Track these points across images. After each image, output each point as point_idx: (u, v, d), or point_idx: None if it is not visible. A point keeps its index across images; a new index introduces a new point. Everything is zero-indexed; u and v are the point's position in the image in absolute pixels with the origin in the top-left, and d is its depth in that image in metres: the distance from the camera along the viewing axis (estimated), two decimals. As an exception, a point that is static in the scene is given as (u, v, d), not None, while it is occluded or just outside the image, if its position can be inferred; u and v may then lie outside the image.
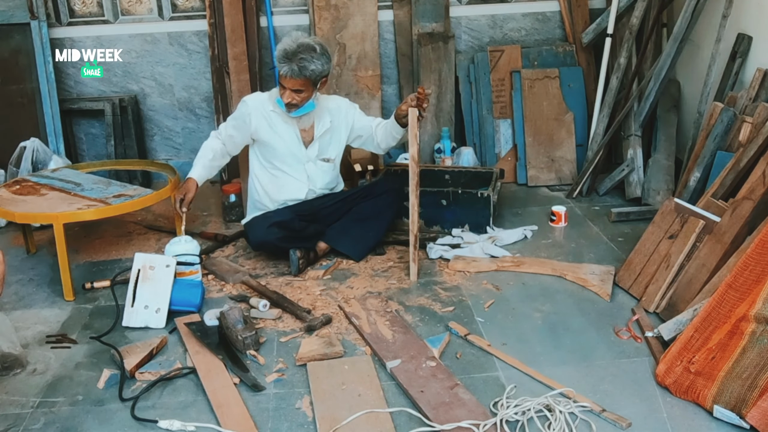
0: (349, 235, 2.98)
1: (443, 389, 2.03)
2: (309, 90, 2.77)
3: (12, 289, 2.79)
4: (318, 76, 2.74)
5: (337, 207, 3.02)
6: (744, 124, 2.77)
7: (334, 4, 3.88)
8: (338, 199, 3.04)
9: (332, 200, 3.03)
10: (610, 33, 3.67)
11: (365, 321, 2.43)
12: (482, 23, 4.08)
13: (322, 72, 2.75)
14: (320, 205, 3.00)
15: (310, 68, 2.68)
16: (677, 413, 1.94)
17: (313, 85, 2.76)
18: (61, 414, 2.02)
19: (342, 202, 3.03)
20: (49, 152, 3.50)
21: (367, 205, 3.01)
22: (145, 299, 2.48)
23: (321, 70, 2.73)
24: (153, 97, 4.06)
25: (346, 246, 2.96)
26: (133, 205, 2.78)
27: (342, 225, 3.00)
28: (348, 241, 2.97)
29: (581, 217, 3.40)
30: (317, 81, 2.76)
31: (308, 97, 2.78)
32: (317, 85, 2.78)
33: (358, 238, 2.97)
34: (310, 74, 2.70)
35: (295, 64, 2.66)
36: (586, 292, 2.64)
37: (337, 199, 3.03)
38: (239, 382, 2.13)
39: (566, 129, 3.86)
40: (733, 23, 3.14)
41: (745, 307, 1.96)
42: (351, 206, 3.03)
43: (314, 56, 2.69)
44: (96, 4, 3.89)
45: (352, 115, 3.00)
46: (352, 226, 2.98)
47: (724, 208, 2.46)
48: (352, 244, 2.97)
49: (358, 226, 2.98)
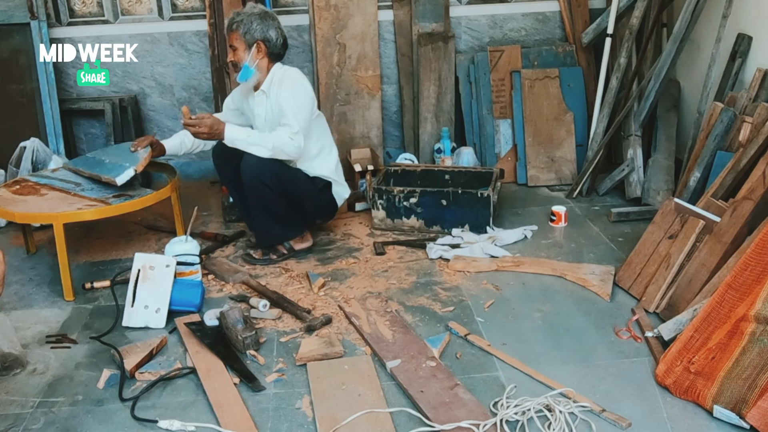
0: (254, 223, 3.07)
1: (443, 389, 2.03)
2: (242, 49, 2.82)
3: (12, 289, 2.79)
4: (247, 35, 2.80)
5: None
6: (744, 124, 2.77)
7: (334, 4, 3.88)
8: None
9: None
10: (610, 33, 3.67)
11: (365, 321, 2.43)
12: (482, 23, 4.08)
13: (250, 30, 2.79)
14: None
15: (235, 21, 2.81)
16: (677, 413, 1.94)
17: (246, 46, 2.82)
18: (61, 414, 2.02)
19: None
20: (49, 152, 3.50)
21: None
22: (145, 299, 2.48)
23: (249, 28, 2.79)
24: (153, 97, 4.06)
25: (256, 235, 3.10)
26: (133, 205, 2.78)
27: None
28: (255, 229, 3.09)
29: (581, 217, 3.40)
30: (250, 43, 2.81)
31: (242, 58, 2.83)
32: (251, 47, 2.82)
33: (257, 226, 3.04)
34: (236, 28, 2.80)
35: (229, 19, 2.84)
36: (586, 292, 2.64)
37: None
38: (239, 382, 2.13)
39: (566, 129, 3.87)
40: (733, 23, 3.14)
41: (745, 307, 1.96)
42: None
43: (248, 18, 2.79)
44: (96, 4, 3.89)
45: (278, 95, 2.85)
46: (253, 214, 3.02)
47: (724, 208, 2.46)
48: (257, 233, 3.06)
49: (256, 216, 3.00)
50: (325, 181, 2.99)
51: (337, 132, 4.02)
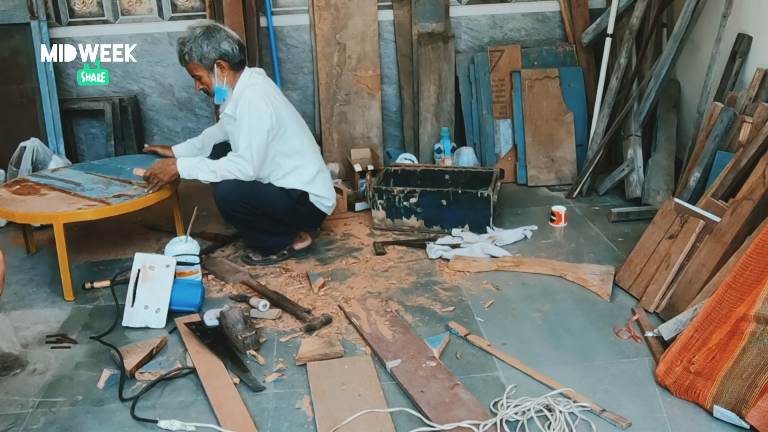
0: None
1: (443, 389, 2.03)
2: (205, 74, 2.76)
3: (12, 289, 2.79)
4: (204, 60, 2.72)
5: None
6: (744, 124, 2.77)
7: (334, 4, 3.88)
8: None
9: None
10: (610, 33, 3.67)
11: (365, 321, 2.43)
12: (482, 23, 4.08)
13: (205, 54, 2.71)
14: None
15: (185, 52, 2.72)
16: (677, 413, 1.94)
17: (207, 69, 2.74)
18: (61, 414, 2.02)
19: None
20: (49, 152, 3.50)
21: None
22: (145, 299, 2.48)
23: (202, 53, 2.71)
24: (153, 97, 4.06)
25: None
26: (133, 205, 2.78)
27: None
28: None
29: (581, 217, 3.40)
30: (209, 65, 2.74)
31: (210, 83, 2.78)
32: (212, 68, 2.74)
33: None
34: (189, 58, 2.72)
35: (178, 52, 2.75)
36: (586, 292, 2.64)
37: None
38: (239, 382, 2.13)
39: (566, 129, 3.86)
40: (733, 23, 3.14)
41: (745, 307, 1.96)
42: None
43: (195, 42, 2.70)
44: (96, 4, 3.89)
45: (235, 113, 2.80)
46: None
47: (724, 208, 2.46)
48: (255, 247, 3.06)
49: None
50: (300, 191, 2.89)
51: (337, 132, 4.02)
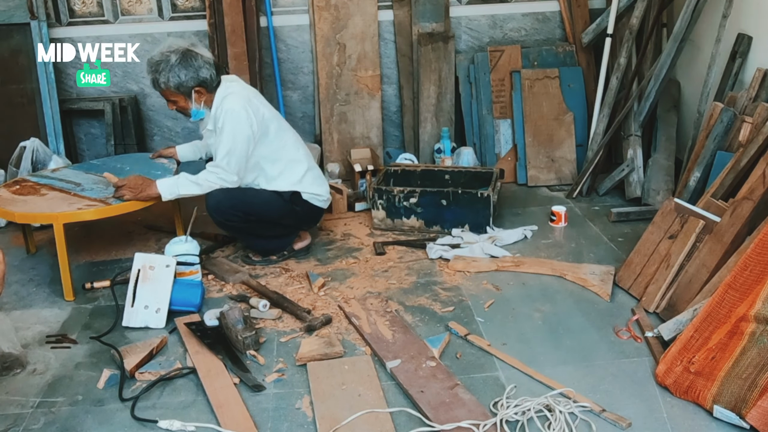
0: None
1: (443, 389, 2.03)
2: (181, 100, 2.70)
3: (12, 289, 2.79)
4: (182, 88, 2.65)
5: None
6: (744, 124, 2.77)
7: (334, 4, 3.88)
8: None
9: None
10: (610, 33, 3.67)
11: (365, 321, 2.43)
12: (482, 23, 4.08)
13: (183, 83, 2.63)
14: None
15: (160, 81, 2.63)
16: (677, 413, 1.94)
17: (184, 95, 2.68)
18: (61, 414, 2.02)
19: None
20: (49, 152, 3.50)
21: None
22: (145, 299, 2.48)
23: (179, 82, 2.63)
24: (153, 97, 4.06)
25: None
26: (133, 205, 2.78)
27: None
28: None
29: (581, 217, 3.40)
30: (187, 92, 2.67)
31: (186, 107, 2.73)
32: (190, 95, 2.68)
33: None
34: (166, 87, 2.65)
35: (151, 76, 2.66)
36: (586, 292, 2.64)
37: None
38: (239, 382, 2.13)
39: (566, 129, 3.86)
40: (733, 23, 3.14)
41: (745, 307, 1.96)
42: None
43: (172, 70, 2.61)
44: (96, 4, 3.89)
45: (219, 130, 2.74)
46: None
47: (724, 208, 2.46)
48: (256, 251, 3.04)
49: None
50: (291, 191, 2.86)
51: (337, 132, 4.02)
